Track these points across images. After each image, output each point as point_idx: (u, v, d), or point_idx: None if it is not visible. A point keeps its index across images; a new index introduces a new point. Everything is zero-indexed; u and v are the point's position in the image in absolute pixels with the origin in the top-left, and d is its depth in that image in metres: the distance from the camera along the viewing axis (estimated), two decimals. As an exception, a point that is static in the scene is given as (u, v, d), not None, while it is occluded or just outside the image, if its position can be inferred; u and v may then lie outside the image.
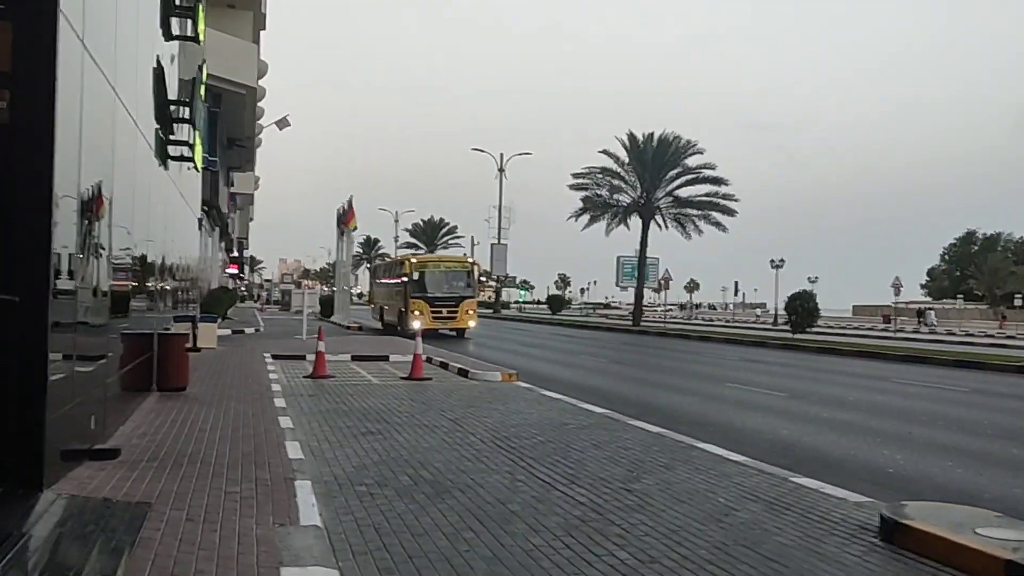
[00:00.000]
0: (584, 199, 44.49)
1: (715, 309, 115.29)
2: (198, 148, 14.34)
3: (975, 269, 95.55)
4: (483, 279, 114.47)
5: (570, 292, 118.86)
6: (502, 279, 74.03)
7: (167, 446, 7.77)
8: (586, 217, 44.59)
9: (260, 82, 33.49)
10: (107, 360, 7.72)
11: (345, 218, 34.94)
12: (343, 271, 43.35)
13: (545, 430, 9.73)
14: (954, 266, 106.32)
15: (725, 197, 41.62)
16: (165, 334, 11.45)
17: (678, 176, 42.68)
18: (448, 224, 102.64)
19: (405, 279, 31.58)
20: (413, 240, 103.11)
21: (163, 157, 12.55)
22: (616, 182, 43.57)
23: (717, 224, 41.94)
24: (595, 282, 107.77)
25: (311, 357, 18.86)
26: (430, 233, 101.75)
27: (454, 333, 31.90)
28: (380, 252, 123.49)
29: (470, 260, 33.39)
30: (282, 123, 39.76)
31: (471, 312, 31.68)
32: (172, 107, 12.85)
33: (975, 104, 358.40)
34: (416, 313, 29.34)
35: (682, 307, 78.50)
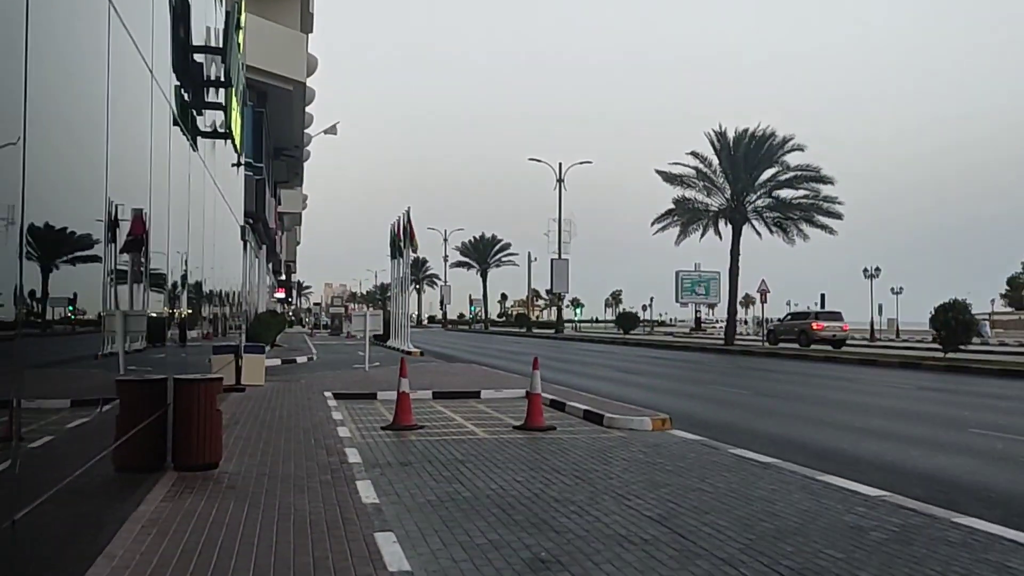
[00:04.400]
0: (676, 201, 39.91)
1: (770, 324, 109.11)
2: (236, 121, 10.41)
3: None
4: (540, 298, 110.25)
5: (624, 309, 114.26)
6: (561, 297, 69.76)
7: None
8: (667, 224, 40.00)
9: (309, 82, 29.91)
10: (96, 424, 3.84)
11: (408, 234, 31.04)
12: (399, 291, 39.58)
13: (846, 548, 5.46)
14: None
15: (827, 199, 36.84)
16: (188, 380, 7.44)
17: (776, 176, 37.97)
18: (501, 241, 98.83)
19: None
20: (464, 259, 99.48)
21: (189, 127, 8.60)
22: (704, 183, 38.94)
23: (824, 227, 37.07)
24: (652, 299, 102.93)
25: (383, 395, 14.86)
26: (482, 251, 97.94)
27: None
28: (429, 273, 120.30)
29: None
30: (330, 131, 36.22)
31: None
32: (198, 56, 8.95)
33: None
34: None
35: (759, 324, 73.56)
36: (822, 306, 47.72)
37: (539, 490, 7.21)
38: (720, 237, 39.55)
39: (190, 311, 9.29)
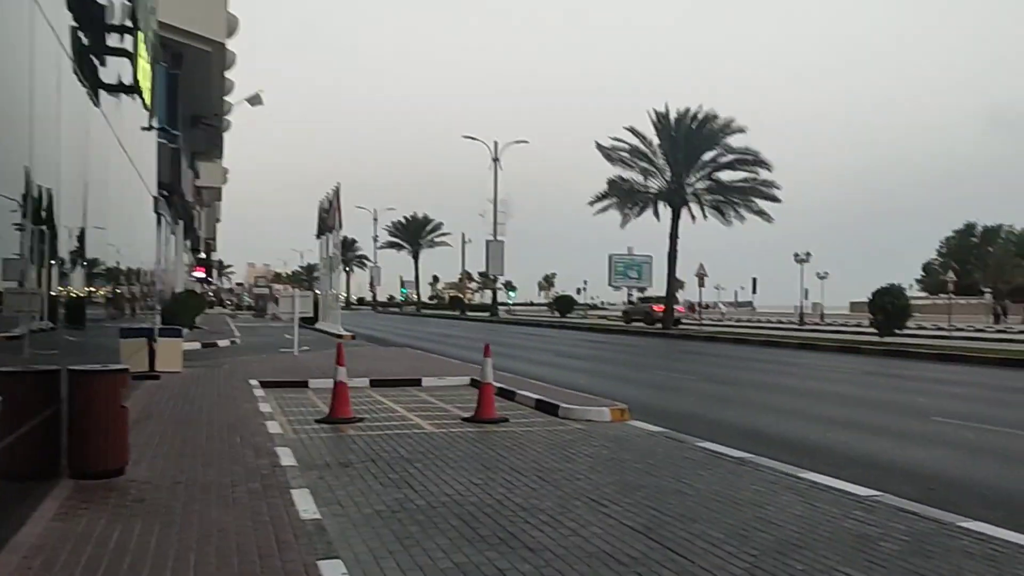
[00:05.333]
0: (611, 182, 39.25)
1: (707, 308, 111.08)
2: (145, 73, 9.17)
3: (978, 263, 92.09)
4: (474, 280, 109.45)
5: (558, 293, 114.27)
6: (496, 279, 68.87)
7: None
8: (608, 205, 39.30)
9: (229, 44, 28.07)
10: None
11: (334, 211, 29.65)
12: (327, 271, 38.16)
13: (861, 564, 4.75)
14: (951, 260, 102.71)
15: (765, 183, 36.73)
16: (85, 372, 6.30)
17: (716, 158, 37.65)
18: (433, 221, 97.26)
19: None
20: (395, 239, 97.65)
21: (88, 76, 7.39)
22: (644, 164, 38.39)
23: (761, 213, 36.99)
24: (586, 282, 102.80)
25: (315, 383, 13.80)
26: (414, 231, 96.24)
27: None
28: (358, 254, 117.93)
29: None
30: (254, 100, 34.36)
31: None
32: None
33: (949, 100, 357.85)
34: None
35: (692, 308, 74.32)
36: (753, 291, 50.12)
37: (502, 495, 6.34)
38: (658, 218, 39.17)
39: (92, 290, 8.09)
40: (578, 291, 79.17)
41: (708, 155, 37.84)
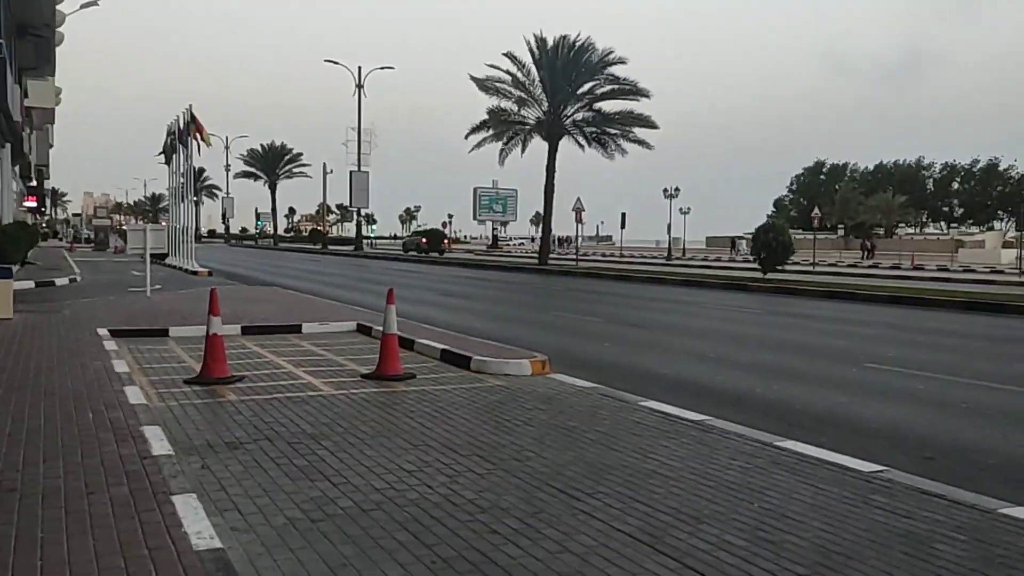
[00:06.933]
0: (490, 112, 37.45)
1: (570, 243, 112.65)
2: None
3: (826, 199, 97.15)
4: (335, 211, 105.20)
5: (420, 226, 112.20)
6: (361, 212, 66.08)
7: None
8: (485, 138, 37.70)
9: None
10: None
11: (190, 132, 26.61)
12: (176, 201, 34.89)
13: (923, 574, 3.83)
14: (801, 196, 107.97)
15: (642, 118, 36.03)
16: None
17: (594, 88, 36.57)
18: (292, 150, 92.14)
19: None
20: (250, 169, 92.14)
21: None
22: (522, 93, 36.85)
23: (641, 142, 36.44)
24: (452, 216, 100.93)
25: (177, 331, 12.02)
26: (271, 161, 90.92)
27: None
28: (208, 183, 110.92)
29: None
30: (89, 3, 30.34)
31: None
32: None
33: (793, 46, 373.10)
34: None
35: (561, 243, 74.46)
36: (622, 226, 51.19)
37: (447, 489, 5.05)
38: (522, 151, 37.95)
39: None
40: (444, 225, 77.54)
41: (587, 85, 36.87)
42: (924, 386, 9.25)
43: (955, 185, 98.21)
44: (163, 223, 60.23)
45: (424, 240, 59.32)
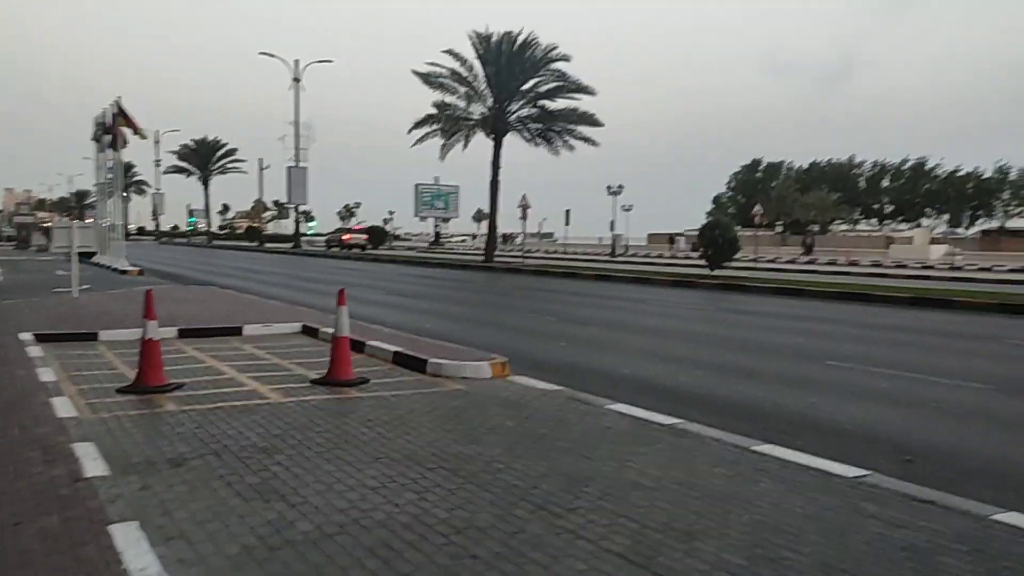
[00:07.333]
0: (436, 105, 36.81)
1: (515, 239, 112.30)
2: None
3: (762, 196, 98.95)
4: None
5: (360, 223, 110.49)
6: (299, 208, 64.69)
7: None
8: (428, 133, 37.07)
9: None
10: None
11: (118, 123, 25.44)
12: (103, 198, 33.48)
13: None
14: (738, 194, 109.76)
15: (586, 116, 35.94)
16: None
17: (538, 85, 36.31)
18: (226, 145, 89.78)
19: None
20: (182, 164, 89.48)
21: None
22: (466, 89, 36.38)
23: (587, 139, 36.30)
24: (392, 213, 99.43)
25: (107, 335, 11.32)
26: (204, 156, 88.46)
27: None
28: (136, 179, 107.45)
29: None
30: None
31: None
32: None
33: (733, 47, 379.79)
34: None
35: (505, 239, 74.22)
36: (566, 222, 51.38)
37: (416, 508, 4.65)
38: (466, 147, 37.51)
39: None
40: (384, 222, 76.43)
41: (532, 81, 36.62)
42: (888, 384, 9.18)
43: (885, 183, 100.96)
44: (90, 220, 57.93)
45: (344, 238, 62.44)
